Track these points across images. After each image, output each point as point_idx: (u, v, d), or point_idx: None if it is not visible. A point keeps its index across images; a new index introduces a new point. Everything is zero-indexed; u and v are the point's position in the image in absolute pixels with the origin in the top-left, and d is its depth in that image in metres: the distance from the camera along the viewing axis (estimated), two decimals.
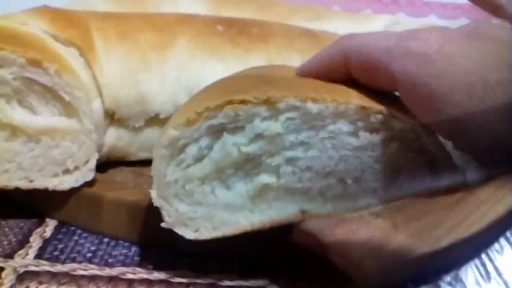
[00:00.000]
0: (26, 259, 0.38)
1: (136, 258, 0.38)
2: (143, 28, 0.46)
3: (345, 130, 0.31)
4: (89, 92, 0.41)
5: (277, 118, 0.31)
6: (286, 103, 0.30)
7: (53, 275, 0.36)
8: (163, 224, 0.32)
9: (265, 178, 0.32)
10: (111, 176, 0.44)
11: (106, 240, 0.40)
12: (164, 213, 0.32)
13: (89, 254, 0.38)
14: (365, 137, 0.31)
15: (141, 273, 0.37)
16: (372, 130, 0.31)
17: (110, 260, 0.38)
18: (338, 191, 0.32)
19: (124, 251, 0.39)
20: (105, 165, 0.45)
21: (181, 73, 0.45)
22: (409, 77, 0.29)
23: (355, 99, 0.31)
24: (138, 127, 0.45)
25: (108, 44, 0.44)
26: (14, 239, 0.40)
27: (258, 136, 0.31)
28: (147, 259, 0.38)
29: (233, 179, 0.32)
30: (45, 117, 0.39)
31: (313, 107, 0.30)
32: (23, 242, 0.40)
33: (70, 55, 0.42)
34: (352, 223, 0.30)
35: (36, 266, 0.37)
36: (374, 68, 0.31)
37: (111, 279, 0.36)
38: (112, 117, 0.44)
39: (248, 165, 0.32)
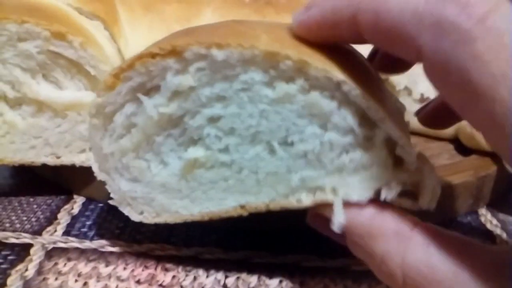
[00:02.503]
0: (54, 235, 0.37)
1: (164, 235, 0.38)
2: (168, 0, 0.45)
3: (258, 80, 0.28)
4: (114, 66, 0.40)
5: (187, 70, 0.29)
6: (191, 51, 0.28)
7: (82, 252, 0.36)
8: (111, 202, 0.33)
9: (194, 152, 0.31)
10: None
11: None
12: (109, 189, 0.33)
13: (117, 231, 0.38)
14: (281, 88, 0.28)
15: (170, 250, 0.36)
16: (288, 79, 0.28)
17: (138, 237, 0.37)
18: (270, 167, 0.30)
19: (152, 227, 0.38)
20: None
21: None
22: (440, 57, 0.22)
23: (263, 43, 0.27)
24: None
25: (133, 17, 0.43)
26: (42, 216, 0.40)
27: (175, 94, 0.30)
28: (175, 236, 0.38)
29: (164, 150, 0.32)
30: (71, 92, 0.38)
31: (218, 54, 0.28)
32: (51, 219, 0.39)
33: (95, 29, 0.41)
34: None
35: (65, 242, 0.37)
36: (396, 36, 0.24)
37: (139, 255, 0.35)
38: None
39: (175, 130, 0.31)
